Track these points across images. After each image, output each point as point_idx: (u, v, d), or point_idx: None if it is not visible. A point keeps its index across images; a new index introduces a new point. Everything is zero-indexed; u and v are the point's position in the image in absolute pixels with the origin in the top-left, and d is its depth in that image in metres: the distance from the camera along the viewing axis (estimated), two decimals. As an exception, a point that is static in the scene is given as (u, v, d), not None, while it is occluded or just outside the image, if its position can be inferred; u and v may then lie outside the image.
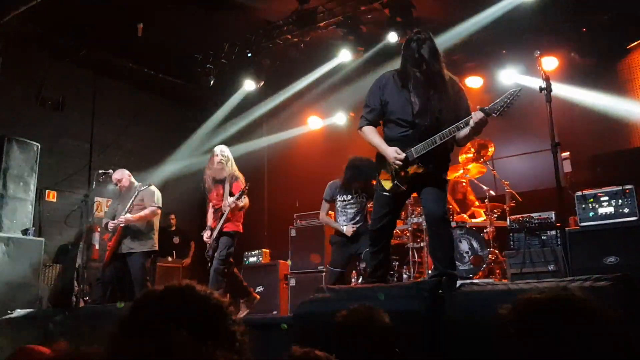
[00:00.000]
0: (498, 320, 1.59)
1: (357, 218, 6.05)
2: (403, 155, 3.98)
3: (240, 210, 6.27)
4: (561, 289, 1.59)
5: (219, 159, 6.29)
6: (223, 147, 6.45)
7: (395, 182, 4.08)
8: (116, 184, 6.91)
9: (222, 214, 6.14)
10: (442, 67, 4.05)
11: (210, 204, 6.46)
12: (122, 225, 6.53)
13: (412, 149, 3.98)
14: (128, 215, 6.55)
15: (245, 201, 6.20)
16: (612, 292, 2.18)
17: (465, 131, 3.89)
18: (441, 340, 2.82)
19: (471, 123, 3.80)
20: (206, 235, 6.31)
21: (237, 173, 6.36)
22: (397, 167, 4.03)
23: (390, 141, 4.14)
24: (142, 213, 6.64)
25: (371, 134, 4.22)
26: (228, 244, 6.16)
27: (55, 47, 9.00)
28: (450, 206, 7.34)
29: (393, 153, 4.00)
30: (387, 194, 4.15)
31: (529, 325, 1.52)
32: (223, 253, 6.07)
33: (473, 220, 7.33)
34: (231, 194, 6.18)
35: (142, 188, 6.72)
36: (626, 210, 5.18)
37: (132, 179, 6.98)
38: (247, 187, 6.12)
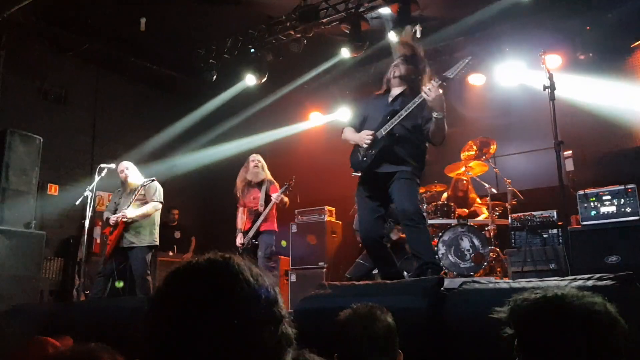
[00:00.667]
0: (499, 319, 1.59)
1: None
2: (371, 132, 4.34)
3: (284, 206, 6.67)
4: (559, 288, 1.58)
5: (254, 164, 6.76)
6: (257, 155, 6.89)
7: (364, 158, 4.38)
8: (122, 172, 6.89)
9: (258, 215, 6.47)
10: (417, 78, 4.49)
11: (242, 208, 6.79)
12: (123, 220, 6.55)
13: (381, 128, 4.32)
14: (130, 210, 6.57)
15: (286, 200, 6.63)
16: (615, 291, 2.17)
17: (433, 122, 4.17)
18: (442, 338, 2.82)
19: (425, 90, 4.07)
20: (239, 239, 6.62)
21: (272, 178, 6.78)
22: (366, 145, 4.35)
23: None
24: (144, 208, 6.66)
25: (349, 132, 4.65)
26: (270, 241, 6.56)
27: (58, 41, 8.99)
28: (452, 203, 7.35)
29: (363, 134, 4.39)
30: (356, 174, 4.49)
31: (528, 325, 1.52)
32: (267, 251, 6.46)
33: (475, 218, 7.33)
34: (267, 197, 6.53)
35: (145, 183, 6.73)
36: (628, 210, 5.17)
37: (137, 172, 6.99)
38: (293, 181, 6.54)
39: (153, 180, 6.81)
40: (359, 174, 4.52)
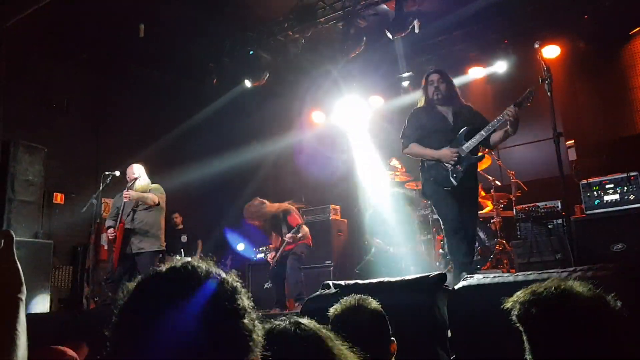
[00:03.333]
0: (505, 313, 1.60)
1: None
2: (455, 150, 4.71)
3: (301, 240, 6.96)
4: (564, 281, 1.59)
5: (262, 207, 7.02)
6: (253, 201, 7.12)
7: (454, 175, 4.73)
8: (133, 173, 6.92)
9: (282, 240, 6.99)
10: (458, 95, 5.01)
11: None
12: (125, 198, 6.67)
13: (462, 146, 4.73)
14: (132, 192, 6.71)
15: (305, 231, 6.99)
16: (614, 281, 2.18)
17: (499, 133, 4.69)
18: (447, 333, 2.84)
19: (508, 112, 4.51)
20: (270, 256, 7.10)
21: (287, 206, 7.14)
22: (452, 163, 4.71)
23: (437, 149, 4.84)
24: (146, 194, 6.79)
25: (419, 148, 4.93)
26: (300, 251, 6.94)
27: (58, 50, 9.03)
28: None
29: (448, 152, 4.73)
30: (448, 188, 4.77)
31: (536, 319, 1.53)
32: (298, 251, 6.89)
33: (479, 211, 7.34)
34: (289, 225, 6.98)
35: (149, 189, 6.78)
36: (631, 197, 5.17)
37: (146, 176, 7.04)
38: (302, 224, 6.97)
39: (158, 187, 6.88)
40: (449, 188, 4.81)
